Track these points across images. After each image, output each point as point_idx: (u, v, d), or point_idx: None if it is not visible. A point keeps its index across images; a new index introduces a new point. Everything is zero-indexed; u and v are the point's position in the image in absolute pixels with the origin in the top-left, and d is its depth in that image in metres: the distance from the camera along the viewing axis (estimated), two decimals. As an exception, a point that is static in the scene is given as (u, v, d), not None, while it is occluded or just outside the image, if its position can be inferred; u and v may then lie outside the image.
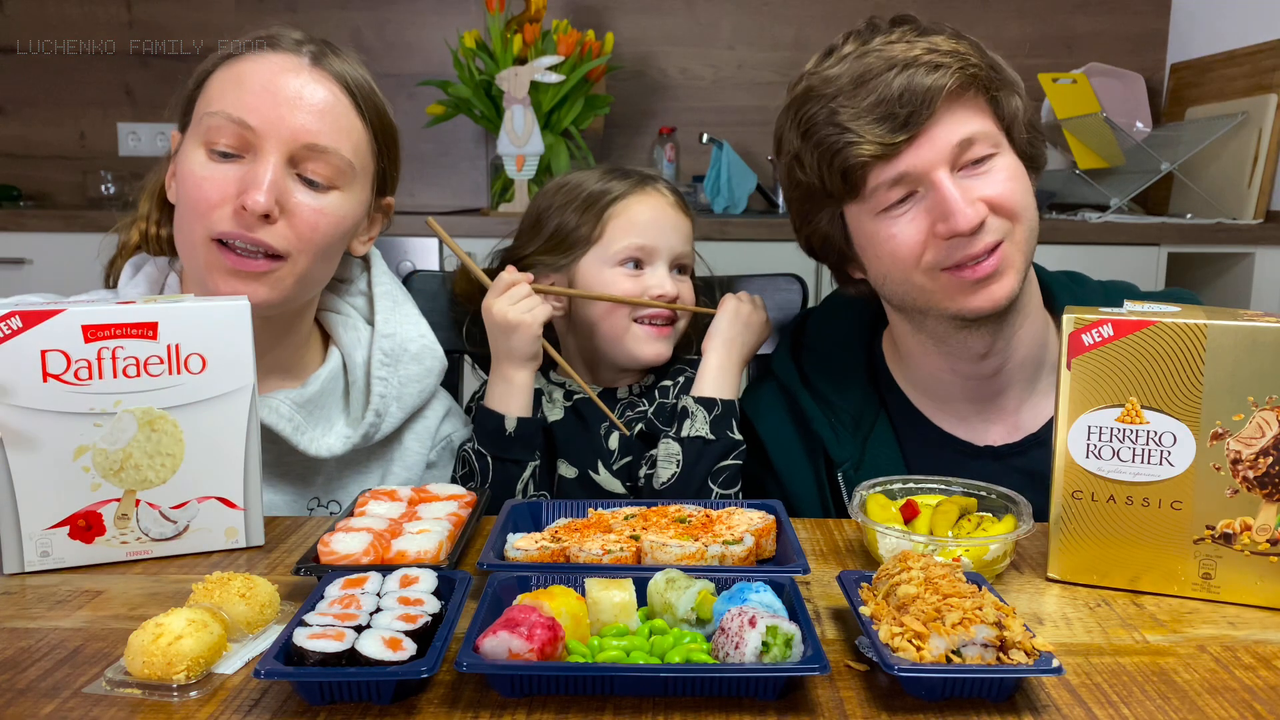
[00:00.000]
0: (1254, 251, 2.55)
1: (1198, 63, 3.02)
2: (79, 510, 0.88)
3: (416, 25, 3.24)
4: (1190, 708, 0.67)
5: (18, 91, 3.24)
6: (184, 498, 0.91)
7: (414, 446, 1.25)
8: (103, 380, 0.87)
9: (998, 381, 1.18)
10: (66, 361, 0.86)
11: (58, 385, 0.86)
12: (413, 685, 0.67)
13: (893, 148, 1.03)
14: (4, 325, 0.85)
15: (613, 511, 0.95)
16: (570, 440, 1.33)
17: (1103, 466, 0.87)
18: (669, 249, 1.32)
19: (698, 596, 0.74)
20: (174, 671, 0.67)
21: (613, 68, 2.99)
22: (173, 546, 0.92)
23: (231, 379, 0.92)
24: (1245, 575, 0.83)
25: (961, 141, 1.05)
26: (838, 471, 1.20)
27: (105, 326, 0.87)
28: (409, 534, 0.86)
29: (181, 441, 0.90)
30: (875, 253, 1.11)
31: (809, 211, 1.16)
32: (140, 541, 0.90)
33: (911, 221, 1.07)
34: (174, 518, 0.91)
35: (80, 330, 0.86)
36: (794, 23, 3.21)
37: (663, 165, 3.17)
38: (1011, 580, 0.89)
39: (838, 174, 1.07)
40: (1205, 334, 0.82)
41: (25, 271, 2.62)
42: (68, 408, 0.87)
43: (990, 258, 1.06)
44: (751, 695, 0.67)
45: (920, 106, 1.02)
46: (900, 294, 1.13)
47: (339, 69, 1.10)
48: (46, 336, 0.86)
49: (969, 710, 0.66)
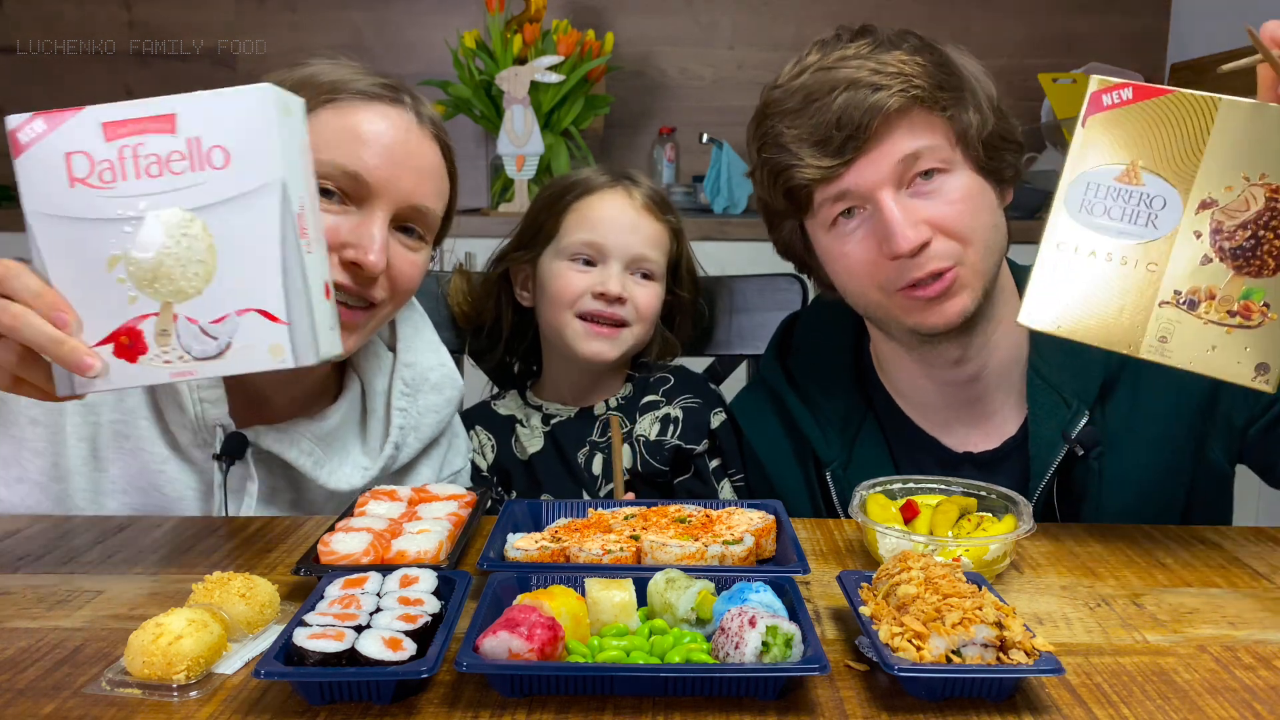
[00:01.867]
0: (1254, 251, 2.55)
1: (1198, 63, 3.02)
2: (120, 326, 0.83)
3: (416, 25, 3.24)
4: (1190, 708, 0.67)
5: (18, 91, 3.24)
6: (223, 311, 0.83)
7: (426, 474, 1.24)
8: (127, 182, 0.82)
9: (976, 387, 1.18)
10: (90, 164, 0.82)
11: (84, 190, 0.82)
12: (413, 685, 0.67)
13: (831, 170, 1.04)
14: (28, 129, 0.81)
15: (613, 511, 0.95)
16: (550, 472, 1.32)
17: (1092, 221, 0.90)
18: (624, 249, 1.30)
19: (698, 596, 0.74)
20: (174, 671, 0.67)
21: (613, 68, 2.99)
22: (217, 366, 0.84)
23: (258, 174, 0.82)
24: (1199, 342, 0.87)
25: (905, 158, 1.03)
26: (826, 472, 1.20)
27: (124, 123, 0.82)
28: (409, 534, 0.86)
29: (213, 246, 0.82)
30: (832, 268, 1.14)
31: (774, 222, 1.18)
32: (184, 360, 0.83)
33: (861, 241, 1.07)
34: (214, 333, 0.83)
35: (100, 129, 0.82)
36: (794, 23, 3.21)
37: (663, 165, 3.17)
38: (1011, 580, 0.89)
39: (782, 193, 1.09)
40: (1216, 106, 0.87)
41: (25, 271, 2.61)
42: (97, 214, 0.82)
43: (938, 282, 1.05)
44: (751, 695, 0.67)
45: (857, 130, 1.02)
46: (861, 306, 1.15)
47: (435, 122, 1.12)
48: (68, 138, 0.82)
49: (969, 710, 0.66)
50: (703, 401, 1.37)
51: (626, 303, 1.29)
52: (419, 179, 1.07)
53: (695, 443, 1.33)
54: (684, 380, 1.39)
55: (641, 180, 1.36)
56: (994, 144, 1.09)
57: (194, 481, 1.10)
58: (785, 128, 1.06)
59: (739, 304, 1.52)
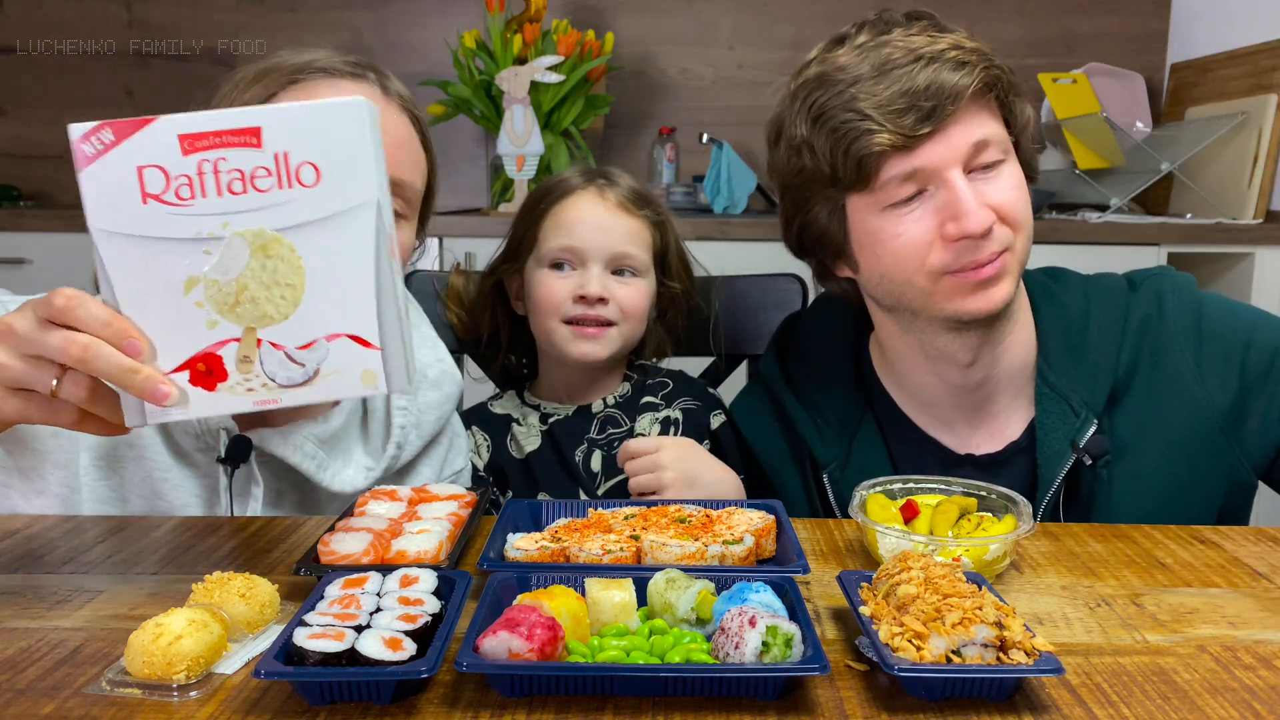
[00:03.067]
0: (1254, 251, 2.55)
1: (1198, 63, 3.02)
2: (197, 352, 0.77)
3: (416, 25, 3.24)
4: (1190, 708, 0.67)
5: (18, 91, 3.24)
6: (311, 336, 0.78)
7: (427, 473, 1.24)
8: (206, 199, 0.75)
9: (984, 391, 1.17)
10: (165, 179, 0.75)
11: (159, 207, 0.75)
12: (413, 685, 0.67)
13: (912, 140, 1.02)
14: (95, 140, 0.74)
15: (613, 511, 0.95)
16: (548, 470, 1.32)
17: None
18: (601, 249, 1.30)
19: (698, 596, 0.74)
20: (174, 671, 0.67)
21: (613, 68, 2.99)
22: (304, 394, 0.79)
23: (351, 192, 0.77)
24: None
25: (977, 143, 1.04)
26: (824, 473, 1.20)
27: (204, 135, 0.75)
28: (409, 534, 0.86)
29: (301, 269, 0.77)
30: (876, 250, 1.09)
31: (807, 202, 1.13)
32: (267, 388, 0.78)
33: (918, 221, 1.05)
34: (301, 359, 0.78)
35: (177, 141, 0.75)
36: (794, 23, 3.21)
37: (663, 165, 3.17)
38: (1011, 580, 0.89)
39: (853, 161, 1.04)
40: None
41: (25, 271, 2.62)
42: (173, 233, 0.76)
43: (991, 264, 1.05)
44: (751, 695, 0.67)
45: (944, 101, 1.01)
46: (895, 294, 1.11)
47: (403, 95, 1.10)
48: (141, 150, 0.75)
49: (969, 710, 0.66)
50: (702, 404, 1.37)
51: (609, 302, 1.29)
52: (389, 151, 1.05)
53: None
54: (682, 384, 1.39)
55: (617, 178, 1.35)
56: (1030, 140, 1.11)
57: (198, 488, 1.10)
58: (860, 93, 1.03)
59: (739, 304, 1.52)
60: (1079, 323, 1.17)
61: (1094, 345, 1.15)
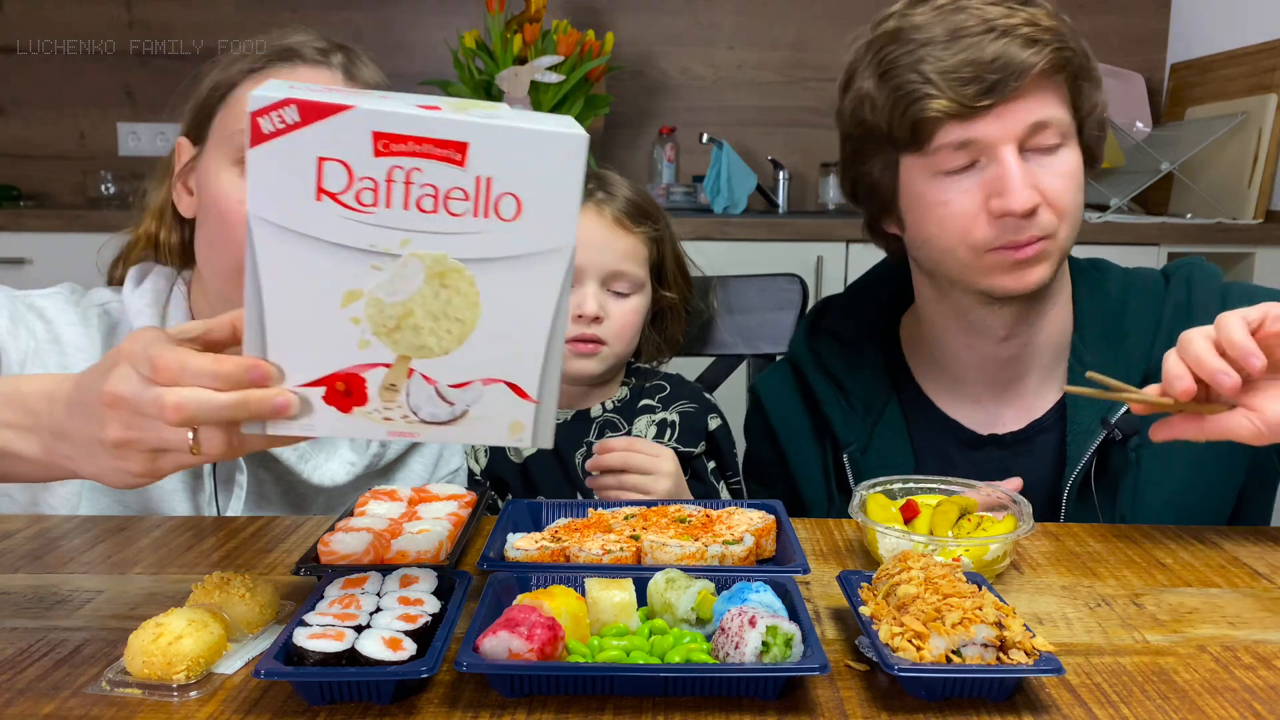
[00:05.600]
0: (1254, 252, 2.55)
1: (1198, 63, 3.02)
2: (340, 370, 0.70)
3: (416, 25, 3.24)
4: (1190, 708, 0.67)
5: (18, 91, 3.24)
6: (468, 376, 0.71)
7: (418, 469, 1.24)
8: (391, 210, 0.67)
9: (1016, 367, 1.18)
10: (349, 177, 0.66)
11: (334, 207, 0.66)
12: (413, 685, 0.67)
13: (970, 111, 1.02)
14: (276, 116, 0.64)
15: (613, 511, 0.95)
16: (546, 474, 1.32)
17: None
18: (597, 267, 1.30)
19: (698, 596, 0.74)
20: (174, 671, 0.67)
21: (613, 68, 2.99)
22: (445, 433, 0.73)
23: (550, 235, 0.69)
24: None
25: (1036, 123, 1.03)
26: (844, 453, 1.20)
27: (404, 139, 0.66)
28: (409, 534, 0.86)
29: (476, 305, 0.69)
30: (922, 214, 1.10)
31: (863, 154, 1.13)
32: (407, 421, 0.71)
33: (966, 192, 1.05)
34: (452, 398, 0.71)
35: (371, 139, 0.65)
36: (794, 23, 3.21)
37: (663, 165, 3.17)
38: (1011, 580, 0.89)
39: (908, 124, 1.04)
40: None
41: (25, 271, 2.62)
42: (344, 239, 0.67)
43: (1030, 246, 1.05)
44: (751, 695, 0.67)
45: (1009, 77, 1.01)
46: (936, 260, 1.12)
47: (370, 80, 1.09)
48: (326, 139, 0.65)
49: (969, 710, 0.66)
50: (699, 406, 1.37)
51: (603, 321, 1.30)
52: None
53: (693, 445, 1.33)
54: (679, 387, 1.40)
55: (616, 188, 1.35)
56: (1097, 128, 1.10)
57: (185, 476, 1.10)
58: (928, 56, 1.03)
59: (739, 304, 1.52)
60: (1116, 311, 1.18)
61: (1130, 334, 1.16)
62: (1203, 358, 0.88)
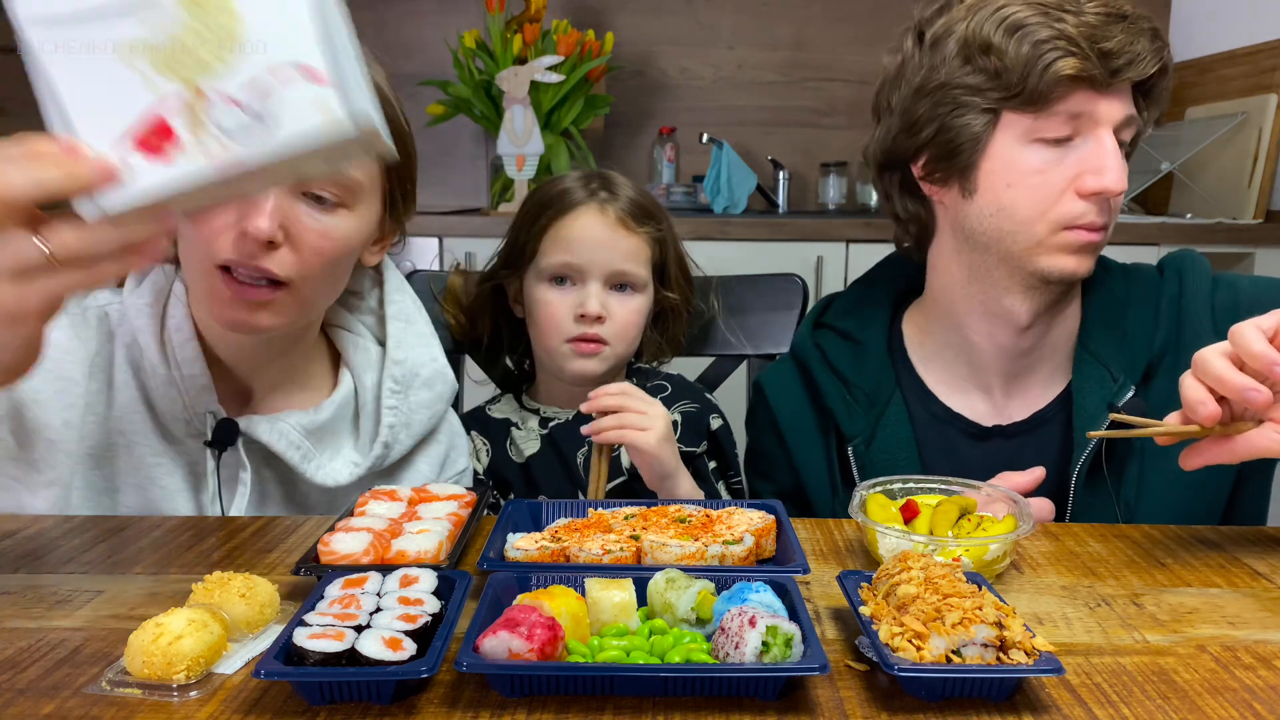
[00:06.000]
0: (1254, 252, 2.55)
1: (1198, 63, 3.02)
2: (139, 116, 0.71)
3: (416, 25, 3.25)
4: (1190, 708, 0.67)
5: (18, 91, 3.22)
6: (253, 72, 0.70)
7: (425, 469, 1.24)
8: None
9: (1032, 356, 1.20)
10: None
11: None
12: (413, 685, 0.67)
13: (1101, 84, 1.04)
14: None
15: (613, 511, 0.95)
16: (548, 474, 1.32)
17: None
18: (601, 266, 1.31)
19: (698, 596, 0.74)
20: (174, 671, 0.67)
21: (613, 68, 2.99)
22: (264, 145, 0.71)
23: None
24: None
25: (1130, 117, 1.08)
26: (848, 447, 1.21)
27: None
28: (409, 534, 0.86)
29: (232, 7, 0.70)
30: (1009, 178, 1.09)
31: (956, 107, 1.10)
32: (223, 146, 0.70)
33: (1059, 164, 1.07)
34: (247, 100, 0.71)
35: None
36: (794, 23, 3.21)
37: (663, 165, 3.17)
38: (1011, 580, 0.89)
39: (1046, 79, 1.04)
40: None
41: (25, 271, 2.61)
42: (102, 4, 0.70)
43: (1102, 231, 1.09)
44: (751, 695, 0.67)
45: (1135, 60, 1.04)
46: (1002, 231, 1.11)
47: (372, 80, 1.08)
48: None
49: (969, 710, 0.66)
50: (700, 406, 1.37)
51: (606, 321, 1.31)
52: None
53: (694, 444, 1.33)
54: (681, 387, 1.40)
55: (619, 188, 1.35)
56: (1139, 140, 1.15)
57: (188, 475, 1.10)
58: (1073, 16, 1.04)
59: (739, 304, 1.52)
60: (1120, 306, 1.20)
61: (1132, 326, 1.19)
62: (1225, 377, 0.85)
